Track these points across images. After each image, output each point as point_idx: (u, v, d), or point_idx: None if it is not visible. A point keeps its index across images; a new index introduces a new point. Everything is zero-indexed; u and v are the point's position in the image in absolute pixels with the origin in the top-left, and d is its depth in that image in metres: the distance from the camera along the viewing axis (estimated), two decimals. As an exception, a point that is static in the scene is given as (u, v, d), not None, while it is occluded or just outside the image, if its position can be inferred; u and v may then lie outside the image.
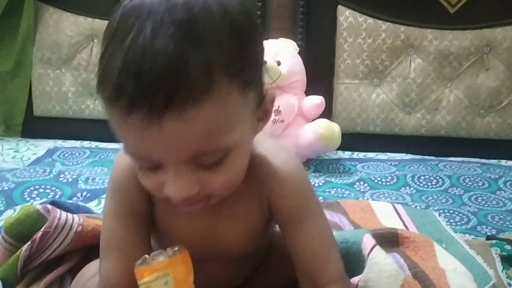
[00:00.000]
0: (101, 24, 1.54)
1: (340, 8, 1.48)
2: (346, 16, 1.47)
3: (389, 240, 0.76)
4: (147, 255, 0.48)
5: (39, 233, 0.67)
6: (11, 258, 0.68)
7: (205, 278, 0.50)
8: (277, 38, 1.44)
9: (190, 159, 0.43)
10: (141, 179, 0.47)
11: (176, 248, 0.48)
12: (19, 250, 0.68)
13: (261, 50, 0.48)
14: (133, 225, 0.54)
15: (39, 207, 0.71)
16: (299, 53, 1.43)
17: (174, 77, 0.38)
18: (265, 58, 1.51)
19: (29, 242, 0.67)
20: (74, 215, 0.73)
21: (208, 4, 0.41)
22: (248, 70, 0.44)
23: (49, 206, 0.72)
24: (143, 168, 0.46)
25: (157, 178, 0.45)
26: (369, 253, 0.60)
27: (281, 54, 1.38)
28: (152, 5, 0.40)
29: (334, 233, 0.60)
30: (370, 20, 1.46)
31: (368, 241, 0.62)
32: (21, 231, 0.69)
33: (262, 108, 0.49)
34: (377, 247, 0.61)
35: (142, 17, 0.40)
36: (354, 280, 0.58)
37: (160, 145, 0.41)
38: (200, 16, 0.40)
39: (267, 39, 1.45)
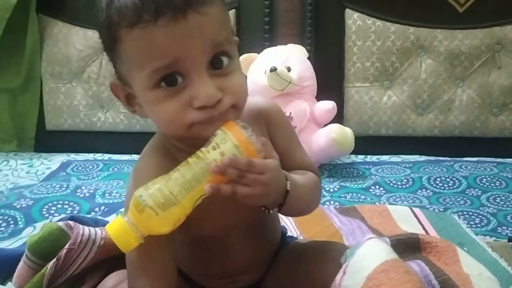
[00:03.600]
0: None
1: (348, 11, 1.48)
2: (354, 19, 1.47)
3: (410, 246, 0.76)
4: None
5: (64, 250, 0.68)
6: (36, 276, 0.68)
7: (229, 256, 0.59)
8: (286, 44, 1.44)
9: (210, 55, 0.51)
10: (163, 109, 0.52)
11: None
12: (44, 268, 0.68)
13: None
14: (157, 241, 0.55)
15: (61, 224, 0.72)
16: (308, 58, 1.43)
17: None
18: (275, 64, 1.55)
19: (54, 260, 0.68)
20: (96, 229, 0.73)
21: None
22: None
23: (71, 223, 0.72)
24: (164, 90, 0.51)
25: (181, 99, 0.51)
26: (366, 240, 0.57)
27: (291, 60, 1.37)
28: None
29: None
30: (379, 22, 1.46)
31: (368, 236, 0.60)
32: (44, 249, 0.70)
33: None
34: (377, 238, 0.59)
35: None
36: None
37: (188, 37, 0.50)
38: None
39: (276, 45, 1.45)
